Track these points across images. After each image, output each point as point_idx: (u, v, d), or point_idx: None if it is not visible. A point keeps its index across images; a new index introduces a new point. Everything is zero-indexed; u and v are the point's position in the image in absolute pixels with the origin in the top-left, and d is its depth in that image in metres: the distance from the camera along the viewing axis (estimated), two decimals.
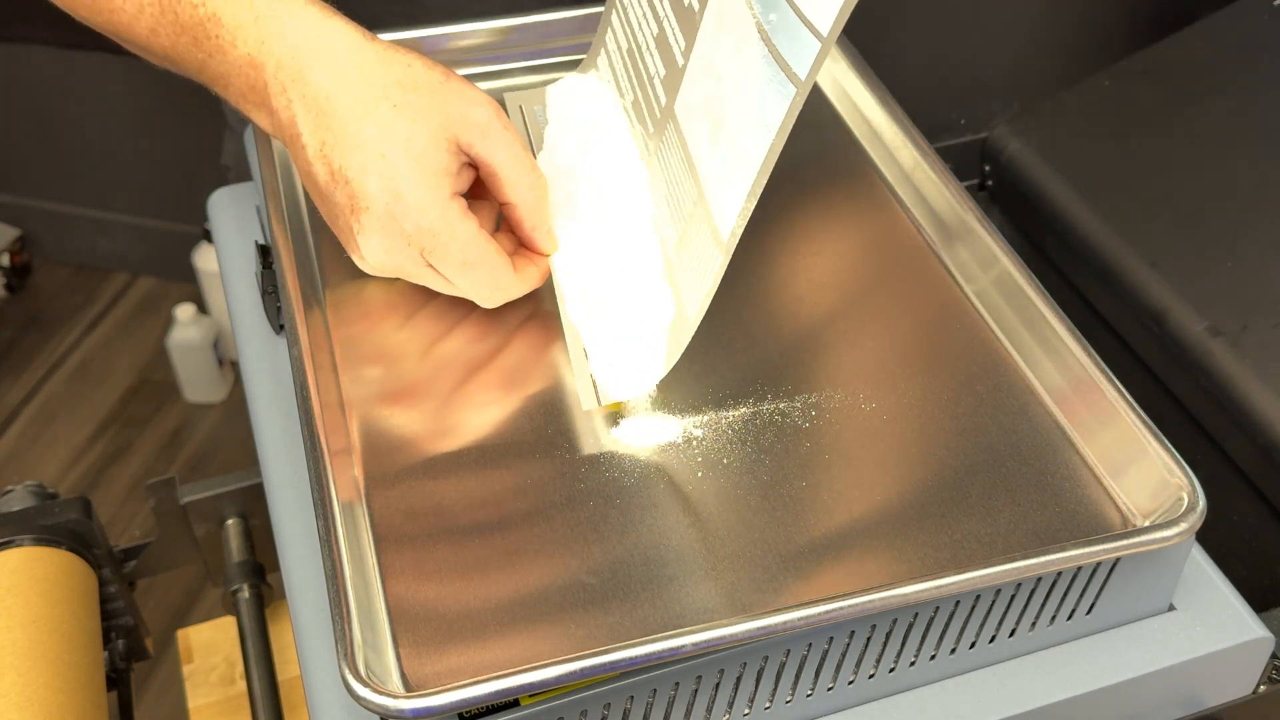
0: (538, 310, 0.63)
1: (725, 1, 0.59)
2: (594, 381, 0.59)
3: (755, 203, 0.55)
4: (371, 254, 0.58)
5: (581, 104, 0.71)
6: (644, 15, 0.67)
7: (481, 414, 0.58)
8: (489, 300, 0.60)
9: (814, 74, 0.51)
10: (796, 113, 0.52)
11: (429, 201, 0.57)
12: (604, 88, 0.71)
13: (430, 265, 0.58)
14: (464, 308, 0.63)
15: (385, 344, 0.61)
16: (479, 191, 0.62)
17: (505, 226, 0.63)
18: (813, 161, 0.72)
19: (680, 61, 0.62)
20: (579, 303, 0.62)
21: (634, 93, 0.68)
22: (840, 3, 0.51)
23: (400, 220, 0.57)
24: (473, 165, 0.60)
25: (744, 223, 0.55)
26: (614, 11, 0.71)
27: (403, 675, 0.48)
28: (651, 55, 0.66)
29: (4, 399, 1.91)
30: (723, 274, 0.56)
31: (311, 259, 0.65)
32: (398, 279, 0.63)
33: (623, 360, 0.59)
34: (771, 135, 0.53)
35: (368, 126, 0.56)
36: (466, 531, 0.53)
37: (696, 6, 0.62)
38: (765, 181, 0.54)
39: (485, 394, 0.59)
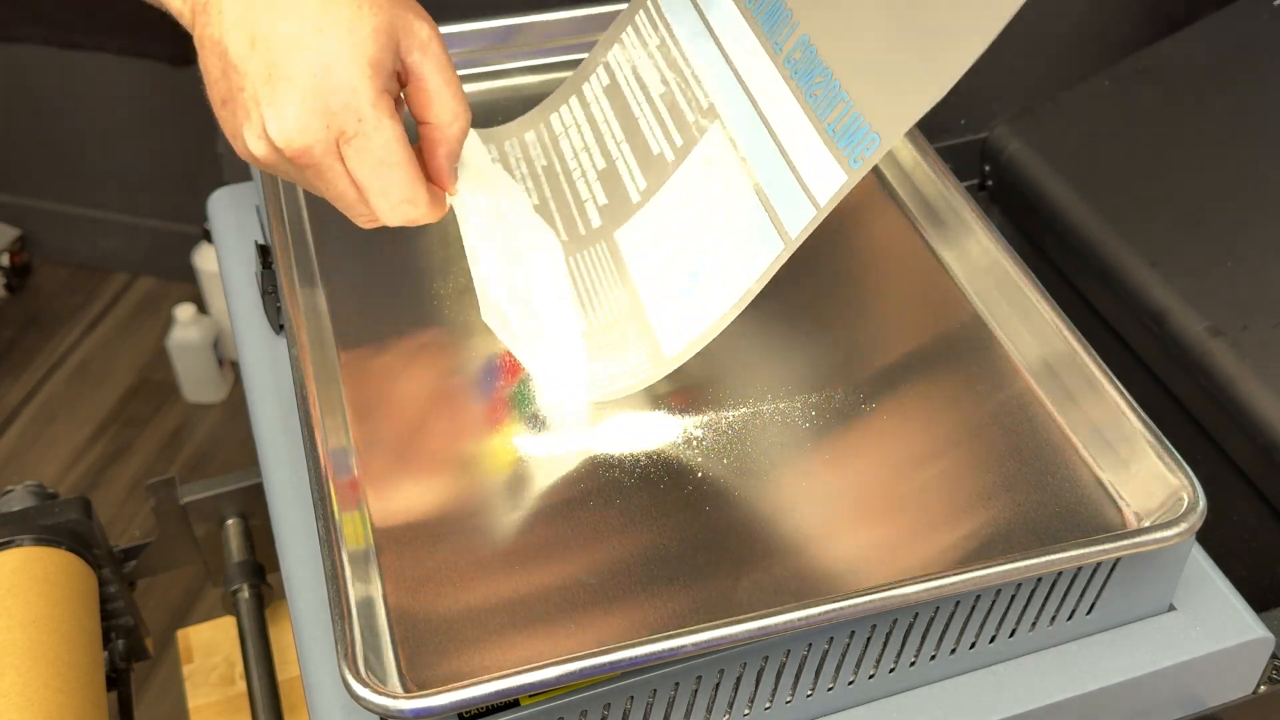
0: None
1: (713, 157, 0.62)
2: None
3: (713, 338, 0.57)
4: (280, 127, 0.53)
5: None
6: (586, 147, 0.69)
7: (482, 414, 0.58)
8: (391, 213, 0.56)
9: (803, 238, 0.55)
10: (777, 268, 0.56)
11: (362, 85, 0.53)
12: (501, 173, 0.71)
13: (340, 157, 0.54)
14: (466, 308, 0.63)
15: (386, 343, 0.61)
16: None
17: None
18: None
19: (634, 199, 0.65)
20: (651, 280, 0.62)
21: (547, 201, 0.68)
22: (842, 182, 0.54)
23: (327, 96, 0.53)
24: (401, 80, 0.57)
25: (694, 350, 0.58)
26: (535, 129, 0.72)
27: (402, 675, 0.48)
28: (588, 184, 0.67)
29: (4, 399, 1.91)
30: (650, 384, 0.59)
31: (311, 259, 0.65)
32: (395, 265, 0.63)
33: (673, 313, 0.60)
34: (751, 281, 0.57)
35: (307, 2, 0.53)
36: (466, 532, 0.53)
37: (670, 156, 0.64)
38: (726, 325, 0.57)
39: (486, 394, 0.59)
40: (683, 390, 0.59)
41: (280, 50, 0.52)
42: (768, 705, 0.52)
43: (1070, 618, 0.55)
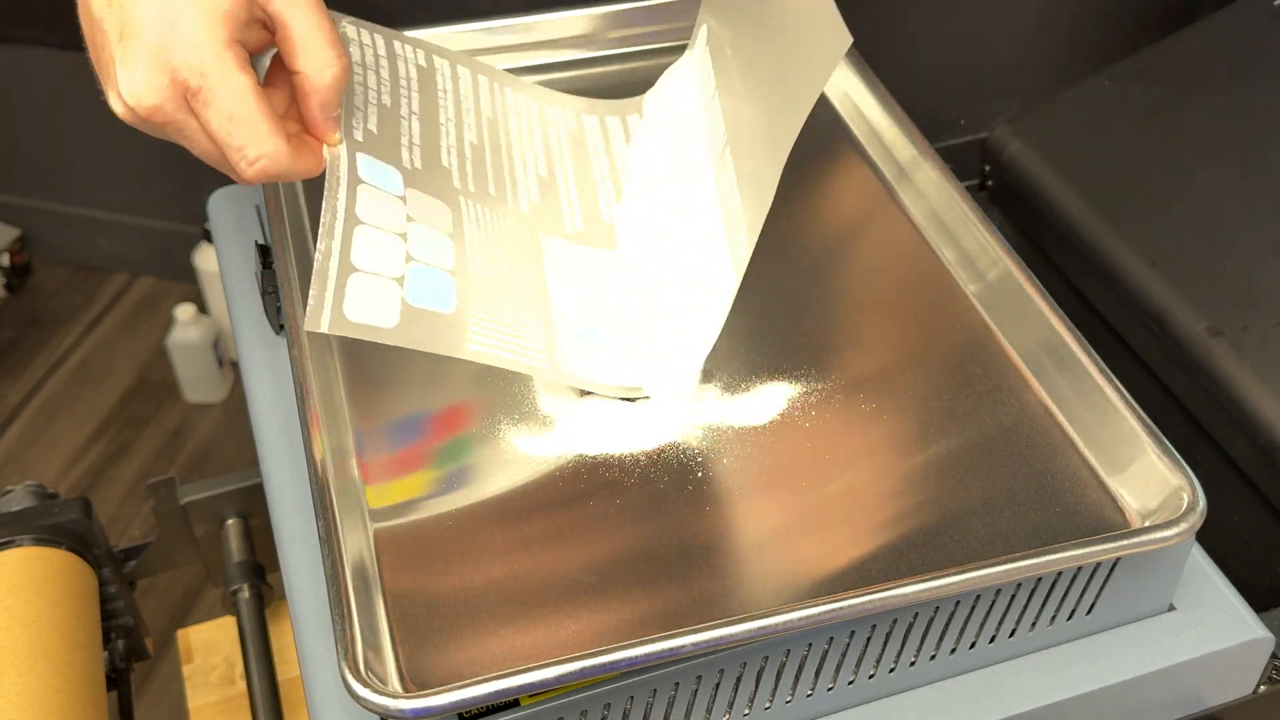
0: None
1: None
2: (332, 300, 0.53)
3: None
4: (131, 87, 0.52)
5: (675, 98, 0.71)
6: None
7: (482, 415, 0.58)
8: (250, 170, 0.53)
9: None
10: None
11: (205, 39, 0.52)
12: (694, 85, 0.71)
13: (192, 111, 0.53)
14: None
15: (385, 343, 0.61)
16: (276, 79, 0.58)
17: (293, 113, 0.57)
18: (813, 161, 0.72)
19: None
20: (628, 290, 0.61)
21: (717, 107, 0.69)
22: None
23: (169, 52, 0.52)
24: (268, 29, 0.55)
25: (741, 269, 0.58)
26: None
27: (402, 675, 0.48)
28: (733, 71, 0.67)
29: (4, 399, 1.91)
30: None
31: (311, 259, 0.65)
32: None
33: (649, 354, 0.59)
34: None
35: None
36: (467, 531, 0.53)
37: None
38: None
39: (487, 395, 0.59)
40: (681, 390, 0.59)
41: (130, 5, 0.52)
42: (768, 705, 0.52)
43: (1070, 618, 0.55)
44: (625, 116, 0.73)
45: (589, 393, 0.59)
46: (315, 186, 0.69)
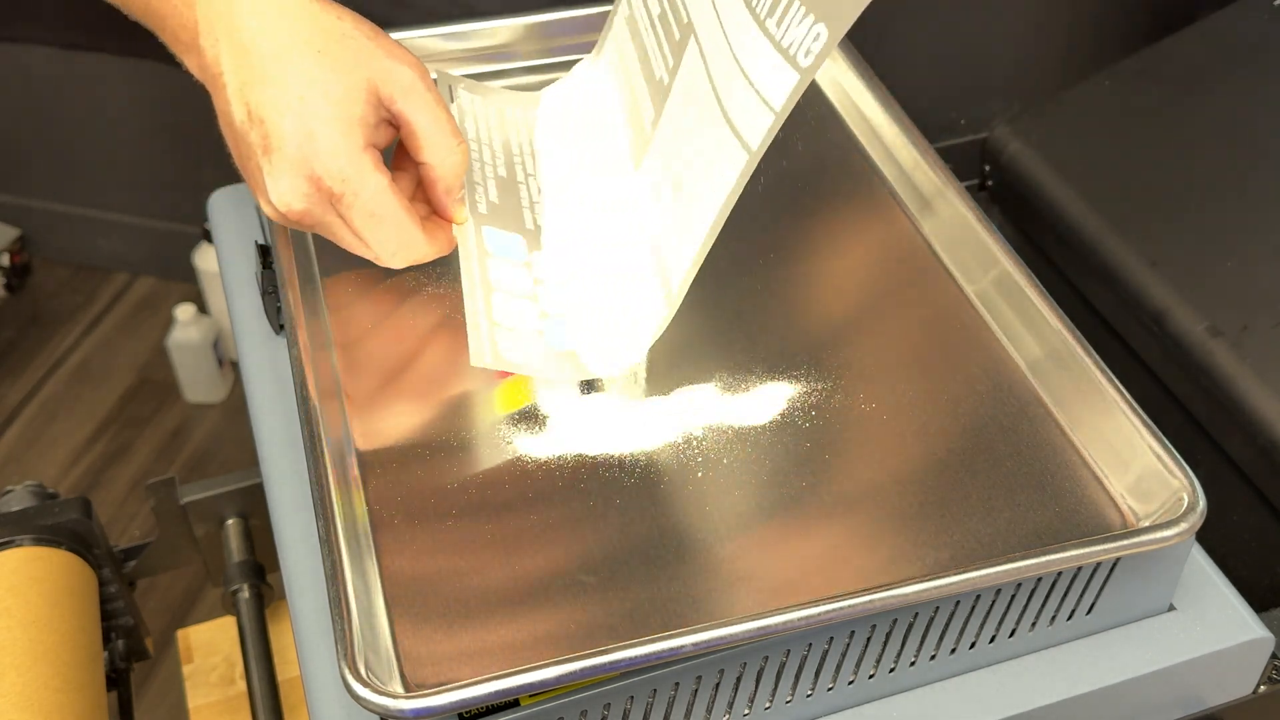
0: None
1: (692, 74, 0.61)
2: (489, 339, 0.59)
3: (703, 260, 0.58)
4: (279, 195, 0.57)
5: (576, 102, 0.72)
6: (621, 85, 0.70)
7: (482, 416, 0.58)
8: (393, 259, 0.60)
9: (765, 144, 0.54)
10: (747, 178, 0.55)
11: (342, 147, 0.57)
12: (601, 83, 0.72)
13: (339, 214, 0.58)
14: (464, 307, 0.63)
15: (385, 344, 0.61)
16: (401, 163, 0.62)
17: (420, 195, 0.63)
18: (813, 161, 0.72)
19: (647, 130, 0.65)
20: (559, 278, 0.62)
21: (636, 92, 0.68)
22: (794, 82, 0.53)
23: (311, 162, 0.56)
24: (394, 125, 0.60)
25: (690, 279, 0.58)
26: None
27: (403, 675, 0.48)
28: (658, 60, 0.67)
29: (4, 399, 1.91)
30: (666, 326, 0.59)
31: (311, 259, 0.65)
32: (394, 278, 0.63)
33: (599, 338, 0.60)
34: (723, 198, 0.56)
35: (289, 70, 0.57)
36: (467, 531, 0.53)
37: (666, 80, 0.64)
38: (714, 240, 0.57)
39: (486, 396, 0.59)
40: (683, 390, 0.59)
41: (271, 121, 0.56)
42: (768, 705, 0.52)
43: (1070, 618, 0.55)
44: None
45: (592, 387, 0.59)
46: None
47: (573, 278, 0.63)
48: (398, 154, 0.63)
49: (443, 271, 0.65)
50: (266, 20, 0.57)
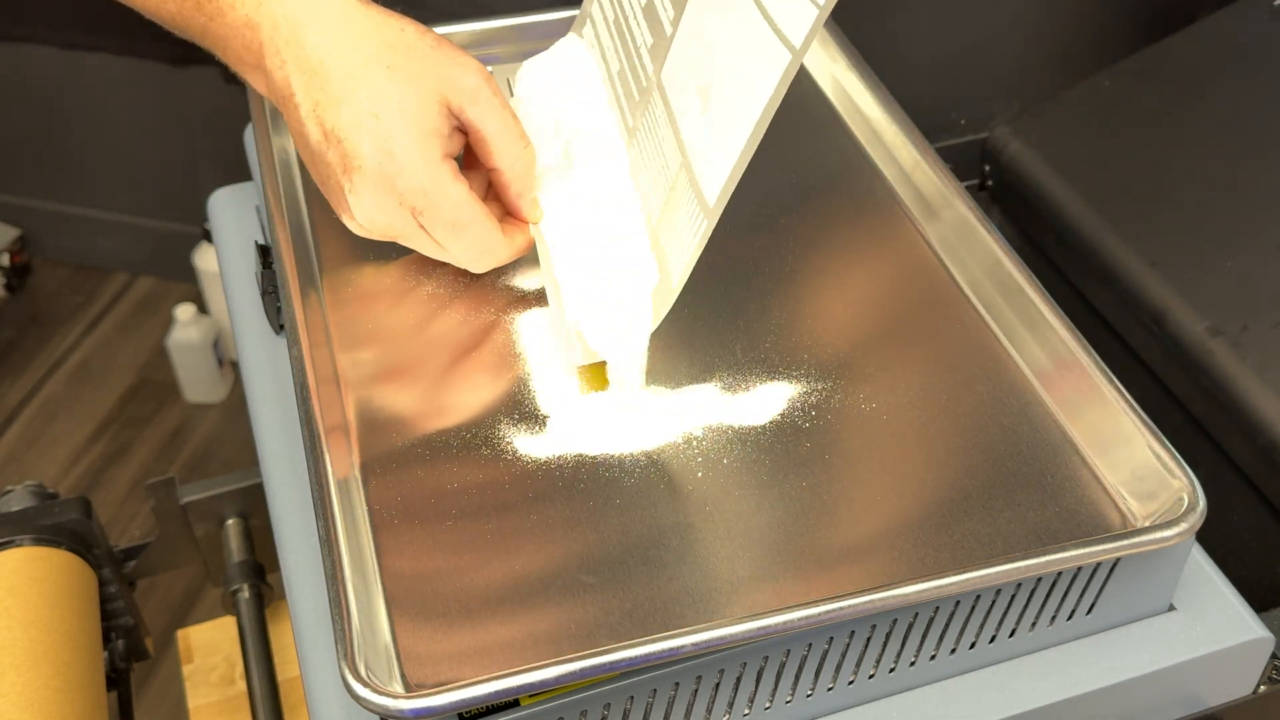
0: (541, 313, 0.63)
1: None
2: (580, 338, 0.59)
3: (744, 169, 0.55)
4: (363, 213, 0.58)
5: (554, 73, 0.71)
6: None
7: (483, 417, 0.58)
8: (478, 263, 0.61)
9: (809, 42, 0.52)
10: (790, 80, 0.53)
11: (421, 161, 0.57)
12: (583, 54, 0.71)
13: (421, 226, 0.59)
14: (466, 310, 0.63)
15: (386, 344, 0.61)
16: (469, 161, 0.63)
17: (491, 194, 0.64)
18: (813, 162, 0.72)
19: (668, 31, 0.63)
20: (567, 268, 0.62)
21: (620, 62, 0.68)
22: None
23: (393, 179, 0.57)
24: (462, 130, 0.60)
25: (732, 188, 0.55)
26: None
27: (403, 675, 0.48)
28: (639, 24, 0.66)
29: (4, 399, 1.91)
30: (708, 238, 0.56)
31: (311, 259, 0.65)
32: (394, 265, 0.63)
33: (608, 321, 0.59)
34: (764, 101, 0.54)
35: (360, 88, 0.57)
36: (467, 532, 0.53)
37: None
38: (755, 148, 0.55)
39: (487, 397, 0.59)
40: (682, 390, 0.59)
41: (349, 141, 0.57)
42: (768, 705, 0.52)
43: (1070, 618, 0.55)
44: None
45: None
46: (316, 187, 0.69)
47: (575, 262, 0.63)
48: (466, 158, 0.63)
49: (443, 271, 0.65)
50: (333, 38, 0.58)
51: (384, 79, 0.57)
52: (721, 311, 0.63)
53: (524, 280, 0.64)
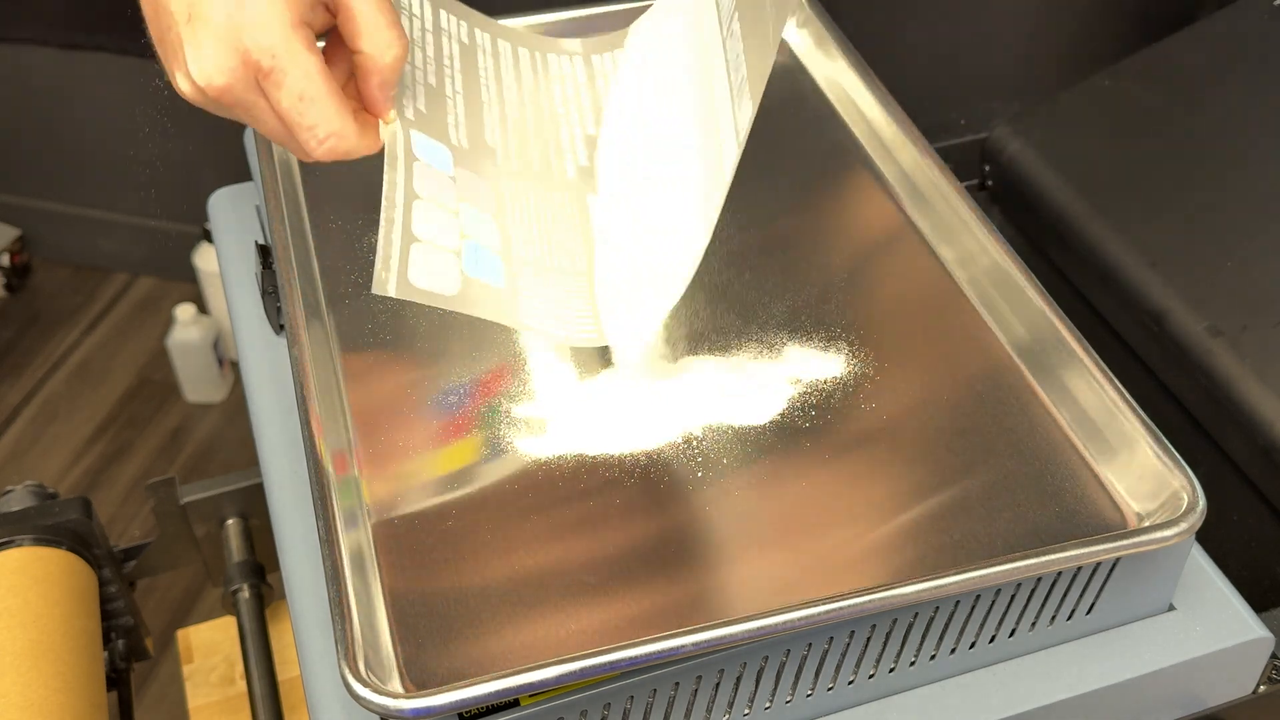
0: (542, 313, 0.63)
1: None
2: (398, 265, 0.56)
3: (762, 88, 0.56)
4: (201, 69, 0.53)
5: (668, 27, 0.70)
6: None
7: (482, 415, 0.58)
8: (320, 147, 0.55)
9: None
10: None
11: (275, 20, 0.53)
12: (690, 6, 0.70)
13: (263, 93, 0.54)
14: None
15: (386, 343, 0.61)
16: (335, 55, 0.59)
17: (351, 89, 0.59)
18: (813, 161, 0.72)
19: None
20: (605, 251, 0.61)
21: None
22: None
23: (239, 33, 0.53)
24: (331, 11, 0.56)
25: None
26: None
27: (403, 675, 0.48)
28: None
29: (4, 399, 1.91)
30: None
31: (311, 259, 0.65)
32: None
33: (628, 297, 0.59)
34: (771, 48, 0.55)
35: None
36: (467, 532, 0.53)
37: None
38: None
39: (486, 395, 0.59)
40: (682, 390, 0.59)
41: None
42: (768, 705, 0.52)
43: (1070, 618, 0.55)
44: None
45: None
46: (316, 187, 0.69)
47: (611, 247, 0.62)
48: (330, 44, 0.59)
49: None
50: None
51: None
52: (722, 311, 0.63)
53: None
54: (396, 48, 0.57)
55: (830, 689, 0.53)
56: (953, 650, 0.54)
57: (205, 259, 1.83)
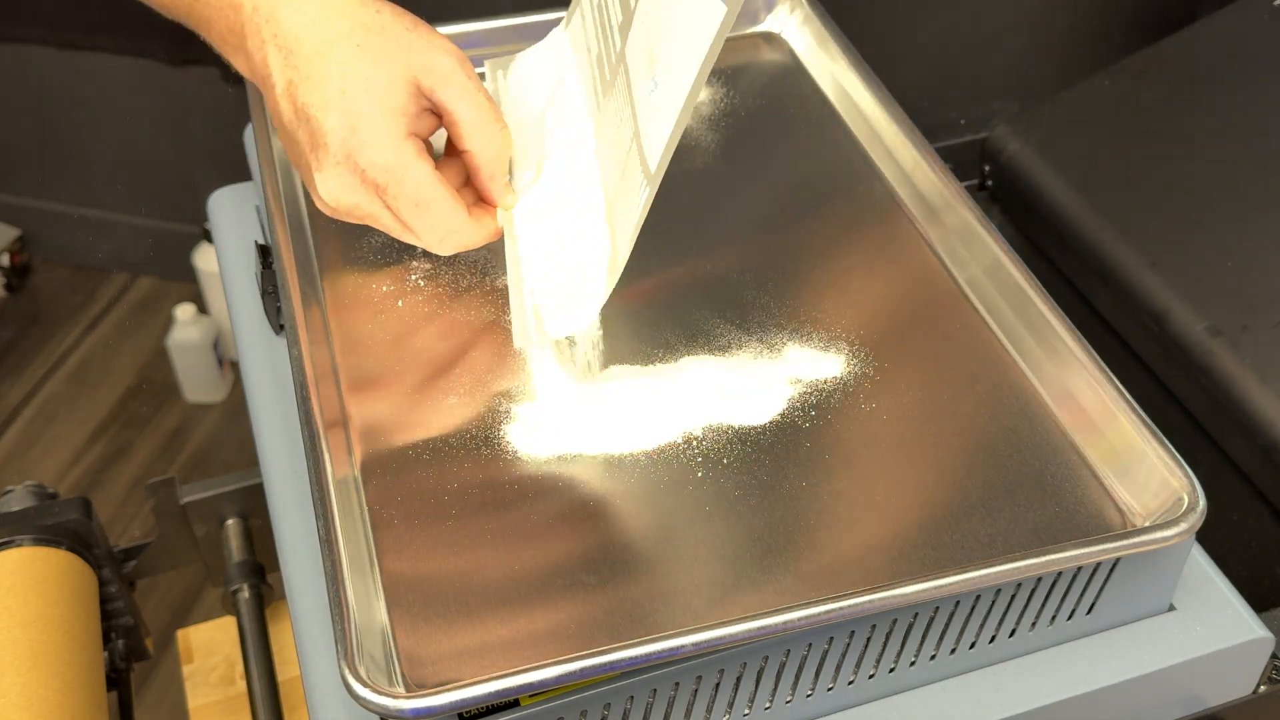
0: None
1: None
2: (534, 318, 0.60)
3: (682, 130, 0.55)
4: (328, 191, 0.59)
5: (543, 65, 0.72)
6: None
7: (482, 416, 0.58)
8: (443, 245, 0.61)
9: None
10: (724, 37, 0.53)
11: (384, 138, 0.57)
12: (566, 47, 0.72)
13: (386, 205, 0.59)
14: (466, 310, 0.63)
15: (385, 344, 0.61)
16: (450, 152, 0.63)
17: (467, 181, 0.64)
18: (812, 162, 0.72)
19: (632, 4, 0.63)
20: (531, 251, 0.63)
21: (599, 44, 0.68)
22: None
23: (356, 156, 0.57)
24: (436, 114, 0.60)
25: (671, 151, 0.56)
26: None
27: (403, 675, 0.48)
28: (612, 2, 0.66)
29: (4, 399, 1.91)
30: (649, 205, 0.57)
31: (311, 259, 0.65)
32: (394, 266, 0.63)
33: (560, 298, 0.60)
34: (699, 60, 0.54)
35: (330, 65, 0.57)
36: (467, 532, 0.53)
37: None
38: (691, 109, 0.55)
39: (487, 396, 0.59)
40: (682, 391, 0.59)
41: (316, 119, 0.57)
42: (768, 705, 0.52)
43: (1070, 618, 0.55)
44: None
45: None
46: None
47: (539, 245, 0.64)
48: (447, 144, 0.63)
49: (443, 271, 0.65)
50: (307, 19, 0.58)
51: (353, 56, 0.58)
52: (722, 312, 0.63)
53: None
54: (498, 141, 0.61)
55: (830, 689, 0.53)
56: (953, 650, 0.54)
57: (205, 259, 1.82)
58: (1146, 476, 0.55)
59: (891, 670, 0.53)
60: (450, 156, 0.63)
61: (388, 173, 0.58)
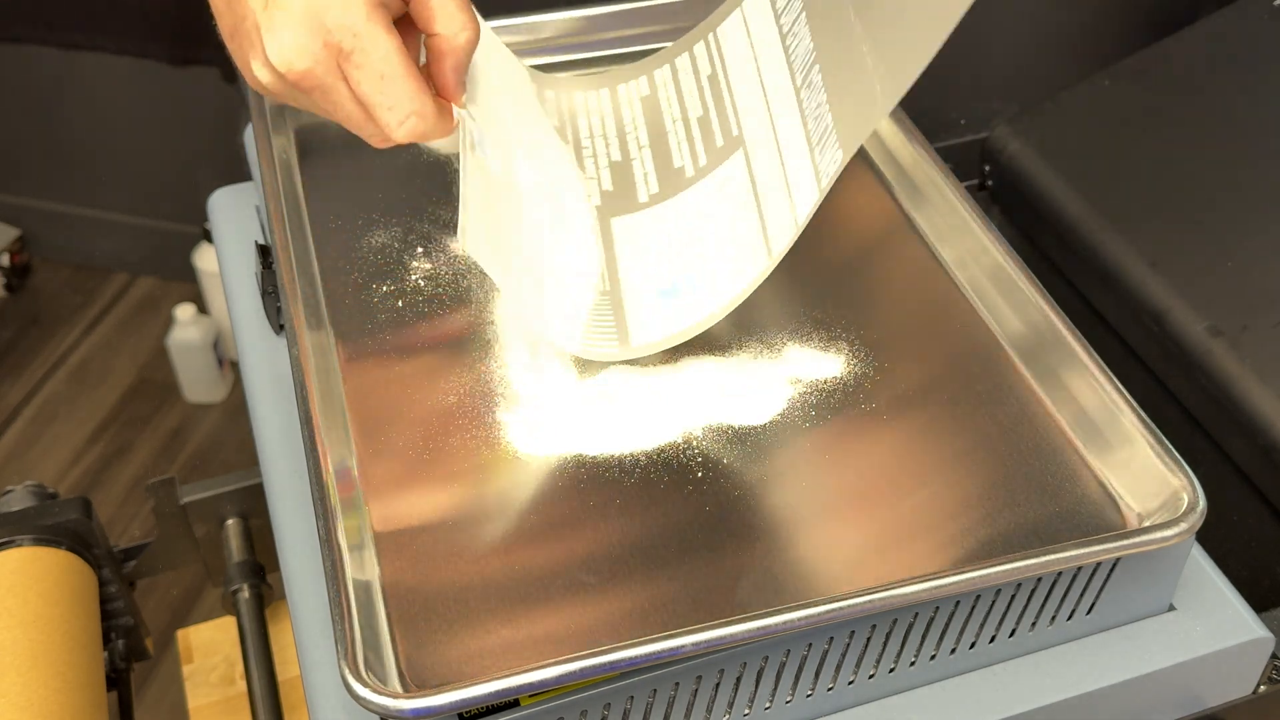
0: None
1: (732, 178, 0.65)
2: (624, 328, 0.60)
3: (684, 339, 0.60)
4: (280, 52, 0.53)
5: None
6: (604, 135, 0.72)
7: (483, 414, 0.58)
8: (401, 128, 0.55)
9: (783, 254, 0.60)
10: (760, 281, 0.60)
11: (356, 1, 0.53)
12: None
13: (343, 75, 0.54)
14: (467, 310, 0.63)
15: (386, 343, 0.61)
16: (406, 39, 0.58)
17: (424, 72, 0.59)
18: None
19: (642, 199, 0.68)
20: (664, 235, 0.63)
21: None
22: (815, 199, 0.59)
23: (321, 15, 0.52)
24: None
25: (659, 348, 0.60)
26: (557, 91, 0.73)
27: (403, 675, 0.48)
28: (596, 167, 0.69)
29: (4, 399, 1.91)
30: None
31: (311, 259, 0.65)
32: (395, 264, 0.63)
33: (658, 316, 0.61)
34: (737, 292, 0.60)
35: None
36: (467, 532, 0.53)
37: (690, 172, 0.67)
38: (700, 330, 0.60)
39: (487, 394, 0.59)
40: (682, 391, 0.59)
41: None
42: (768, 705, 0.52)
43: (1070, 618, 0.55)
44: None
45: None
46: (316, 187, 0.69)
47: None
48: (400, 29, 0.58)
49: (443, 271, 0.65)
50: None
51: None
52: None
53: None
54: (469, 30, 0.56)
55: (830, 689, 0.53)
56: (953, 650, 0.54)
57: (205, 259, 1.83)
58: (1146, 476, 0.55)
59: (891, 670, 0.53)
60: (408, 40, 0.57)
61: (356, 37, 0.52)
